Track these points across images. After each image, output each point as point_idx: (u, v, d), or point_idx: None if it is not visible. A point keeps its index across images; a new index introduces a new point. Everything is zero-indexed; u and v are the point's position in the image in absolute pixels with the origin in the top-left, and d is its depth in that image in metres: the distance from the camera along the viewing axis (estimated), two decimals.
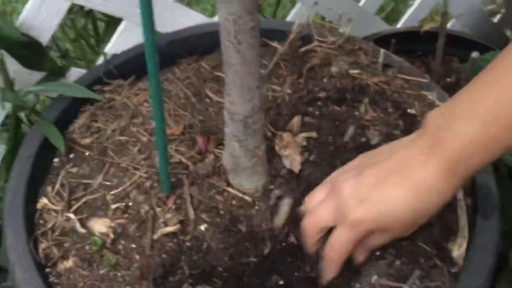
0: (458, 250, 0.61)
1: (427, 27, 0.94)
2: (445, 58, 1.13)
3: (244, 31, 0.49)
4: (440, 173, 0.47)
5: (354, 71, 0.77)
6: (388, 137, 0.68)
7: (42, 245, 0.63)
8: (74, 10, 0.82)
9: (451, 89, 1.11)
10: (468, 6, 1.30)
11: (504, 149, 0.45)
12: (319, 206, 0.55)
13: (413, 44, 1.16)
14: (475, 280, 0.58)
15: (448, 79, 1.15)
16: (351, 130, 0.69)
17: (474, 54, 0.86)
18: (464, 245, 0.61)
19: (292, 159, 0.67)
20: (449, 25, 1.34)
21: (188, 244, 0.63)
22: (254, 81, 0.55)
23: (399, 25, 1.29)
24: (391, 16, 1.51)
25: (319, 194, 0.58)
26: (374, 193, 0.49)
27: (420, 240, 0.61)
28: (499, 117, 0.44)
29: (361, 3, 1.15)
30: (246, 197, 0.67)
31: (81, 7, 0.80)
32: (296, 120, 0.72)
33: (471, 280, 0.57)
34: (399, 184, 0.48)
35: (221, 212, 0.66)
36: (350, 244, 0.52)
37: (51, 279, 0.61)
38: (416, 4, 1.26)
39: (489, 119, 0.44)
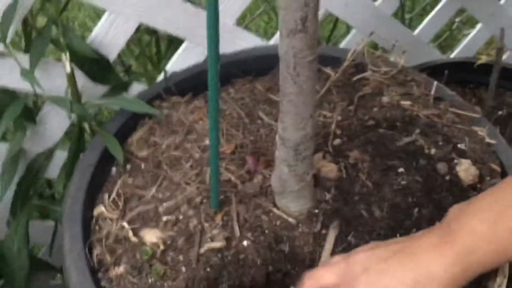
0: None
1: (482, 61, 0.94)
2: (497, 91, 1.13)
3: (303, 64, 0.52)
4: (444, 264, 0.48)
5: (405, 102, 0.78)
6: None
7: (96, 251, 0.67)
8: (140, 29, 0.87)
9: (503, 123, 1.11)
10: None
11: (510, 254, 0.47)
12: (328, 266, 0.57)
13: (466, 75, 1.15)
14: None
15: (500, 112, 1.14)
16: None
17: None
18: (504, 284, 0.61)
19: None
20: (504, 57, 1.33)
21: (229, 258, 0.65)
22: (308, 111, 0.58)
23: (454, 54, 1.29)
24: (447, 42, 1.51)
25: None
26: (379, 266, 0.51)
27: None
28: (506, 223, 0.46)
29: (415, 32, 1.16)
30: (291, 219, 0.69)
31: (146, 28, 0.85)
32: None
33: None
34: (404, 265, 0.49)
35: (266, 231, 0.68)
36: None
37: (103, 283, 0.65)
38: (471, 34, 1.26)
39: (497, 222, 0.46)
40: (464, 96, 1.13)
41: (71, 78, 0.72)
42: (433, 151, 0.71)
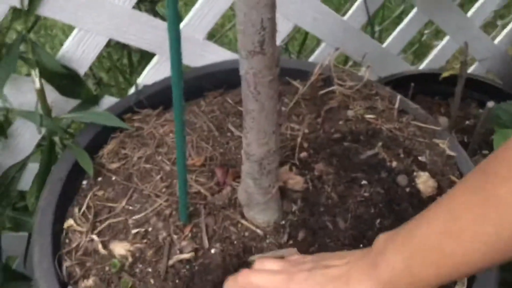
0: None
1: (446, 74, 0.97)
2: (465, 101, 1.16)
3: (263, 83, 0.54)
4: None
5: (369, 116, 0.81)
6: None
7: (66, 263, 0.68)
8: (111, 44, 0.88)
9: (469, 132, 1.14)
10: (493, 50, 1.33)
11: (429, 285, 0.50)
12: (267, 272, 0.62)
13: (434, 86, 1.19)
14: None
15: (467, 122, 1.17)
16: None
17: (490, 104, 0.89)
18: None
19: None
20: (472, 67, 1.36)
21: (197, 268, 0.67)
22: (270, 127, 0.60)
23: (423, 65, 1.32)
24: (420, 51, 1.54)
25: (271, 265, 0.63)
26: None
27: None
28: (419, 259, 0.49)
29: (384, 45, 1.19)
30: (258, 231, 0.70)
31: (117, 42, 0.86)
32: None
33: None
34: None
35: (234, 242, 0.70)
36: None
37: None
38: (440, 46, 1.29)
39: (411, 256, 0.50)
40: (432, 107, 1.16)
41: (41, 93, 0.73)
42: (394, 163, 0.74)
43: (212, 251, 0.69)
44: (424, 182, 0.70)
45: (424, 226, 0.50)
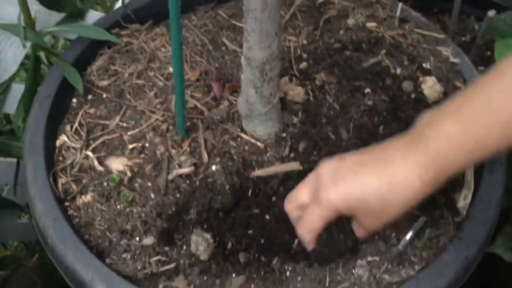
0: (463, 201, 0.63)
1: None
2: (461, 17, 1.13)
3: None
4: (416, 167, 0.46)
5: (370, 24, 0.78)
6: None
7: (61, 180, 0.66)
8: None
9: (466, 48, 1.11)
10: None
11: (486, 153, 0.45)
12: (301, 184, 0.55)
13: (429, 1, 1.15)
14: (477, 230, 0.60)
15: (463, 38, 1.15)
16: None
17: (491, 13, 0.86)
18: (469, 197, 0.63)
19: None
20: None
21: (198, 183, 0.65)
22: (273, 28, 0.56)
23: None
24: None
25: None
26: (349, 175, 0.49)
27: None
28: (481, 121, 0.44)
29: None
30: (259, 143, 0.68)
31: None
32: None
33: (473, 230, 0.60)
34: (374, 171, 0.48)
35: (234, 156, 0.68)
36: (320, 221, 0.51)
37: (70, 212, 0.64)
38: None
39: (472, 120, 0.45)
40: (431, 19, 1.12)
41: (23, 4, 0.68)
42: (398, 70, 0.71)
43: (213, 167, 0.67)
44: (431, 86, 0.68)
45: (486, 88, 0.45)
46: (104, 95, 0.74)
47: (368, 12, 0.79)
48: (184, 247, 0.62)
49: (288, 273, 0.60)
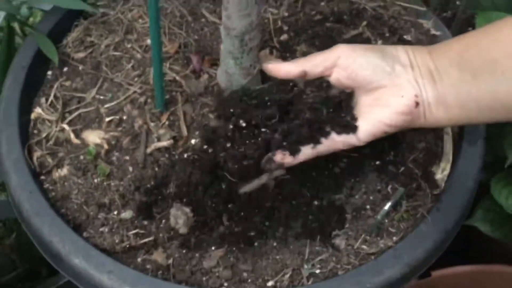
0: (441, 173, 0.63)
1: None
2: None
3: None
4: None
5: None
6: None
7: (37, 154, 0.64)
8: None
9: (448, 23, 1.11)
10: None
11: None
12: None
13: None
14: (455, 201, 0.60)
15: (444, 14, 1.14)
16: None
17: None
18: (448, 169, 0.64)
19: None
20: None
21: (177, 157, 0.64)
22: None
23: None
24: None
25: None
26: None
27: (409, 162, 0.63)
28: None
29: None
30: None
31: None
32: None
33: (451, 202, 0.60)
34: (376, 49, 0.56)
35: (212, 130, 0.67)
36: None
37: (46, 186, 0.62)
38: None
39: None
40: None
41: None
42: (379, 42, 0.71)
43: (192, 141, 0.66)
44: None
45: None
46: (80, 67, 0.73)
47: None
48: (163, 221, 0.61)
49: (267, 245, 0.59)
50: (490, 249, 0.85)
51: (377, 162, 0.64)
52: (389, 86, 0.54)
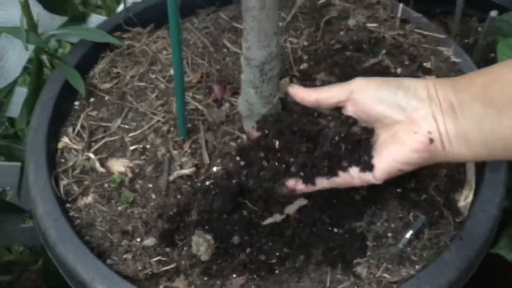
0: (464, 201, 0.63)
1: None
2: (463, 18, 1.12)
3: None
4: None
5: (371, 25, 0.78)
6: None
7: (63, 182, 0.66)
8: None
9: (469, 50, 1.11)
10: None
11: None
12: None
13: (432, 3, 1.14)
14: (478, 229, 0.59)
15: (466, 40, 1.14)
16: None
17: (493, 13, 0.85)
18: (470, 196, 0.63)
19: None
20: None
21: (199, 184, 0.65)
22: (272, 27, 0.56)
23: None
24: None
25: None
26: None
27: (431, 190, 0.63)
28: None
29: None
30: None
31: None
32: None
33: (474, 230, 0.59)
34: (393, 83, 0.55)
35: (235, 157, 0.68)
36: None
37: (71, 213, 0.64)
38: None
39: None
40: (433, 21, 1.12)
41: (25, 6, 0.69)
42: (399, 70, 0.71)
43: (214, 168, 0.67)
44: None
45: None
46: (106, 98, 0.75)
47: (369, 13, 0.79)
48: (185, 248, 0.62)
49: (287, 273, 0.59)
50: None
51: (398, 190, 0.64)
52: (405, 122, 0.53)
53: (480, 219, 0.60)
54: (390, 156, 0.53)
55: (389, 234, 0.61)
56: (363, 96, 0.55)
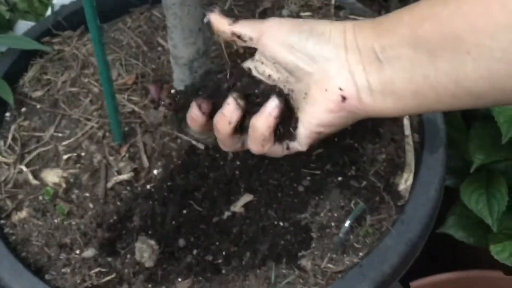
0: (404, 184, 0.63)
1: None
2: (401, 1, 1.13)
3: None
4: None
5: (305, 14, 0.77)
6: None
7: None
8: None
9: None
10: None
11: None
12: None
13: None
14: (418, 212, 0.60)
15: None
16: None
17: None
18: (411, 179, 0.63)
19: None
20: None
21: (140, 189, 0.63)
22: (195, 23, 0.55)
23: None
24: None
25: None
26: None
27: (371, 176, 0.63)
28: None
29: None
30: (199, 145, 0.67)
31: None
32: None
33: (415, 212, 0.59)
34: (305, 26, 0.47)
35: (175, 159, 0.66)
36: None
37: (6, 230, 0.61)
38: None
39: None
40: (371, 5, 1.12)
41: None
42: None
43: (154, 171, 0.65)
44: None
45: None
46: (38, 106, 0.72)
47: (303, 2, 0.78)
48: (128, 256, 0.60)
49: (233, 272, 0.58)
50: (468, 255, 0.84)
51: (339, 178, 0.63)
52: (317, 76, 0.45)
53: (420, 201, 0.60)
54: (306, 117, 0.46)
55: (332, 224, 0.60)
56: (272, 41, 0.46)
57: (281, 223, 0.62)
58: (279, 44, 0.46)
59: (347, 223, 0.58)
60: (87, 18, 0.54)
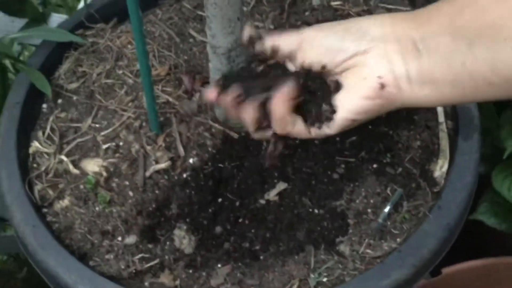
0: (439, 170, 0.63)
1: None
2: None
3: None
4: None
5: (335, 3, 0.77)
6: None
7: (37, 187, 0.65)
8: None
9: None
10: None
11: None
12: None
13: None
14: (455, 197, 0.60)
15: None
16: None
17: None
18: (446, 166, 0.64)
19: None
20: None
21: (176, 178, 0.64)
22: (234, 13, 0.56)
23: None
24: None
25: None
26: None
27: (406, 162, 0.63)
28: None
29: None
30: (232, 133, 0.68)
31: None
32: None
33: (452, 198, 0.60)
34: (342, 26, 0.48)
35: (209, 148, 0.67)
36: None
37: (49, 218, 0.63)
38: None
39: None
40: None
41: None
42: None
43: (190, 160, 0.66)
44: None
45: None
46: (74, 98, 0.74)
47: None
48: (168, 243, 0.61)
49: (272, 258, 0.59)
50: (499, 242, 0.84)
51: (375, 165, 0.64)
52: (355, 67, 0.46)
53: (456, 187, 0.61)
54: (341, 105, 0.47)
55: (369, 210, 0.61)
56: (311, 47, 0.48)
57: (316, 210, 0.63)
58: (318, 48, 0.48)
59: (386, 209, 0.58)
60: (129, 9, 0.55)
